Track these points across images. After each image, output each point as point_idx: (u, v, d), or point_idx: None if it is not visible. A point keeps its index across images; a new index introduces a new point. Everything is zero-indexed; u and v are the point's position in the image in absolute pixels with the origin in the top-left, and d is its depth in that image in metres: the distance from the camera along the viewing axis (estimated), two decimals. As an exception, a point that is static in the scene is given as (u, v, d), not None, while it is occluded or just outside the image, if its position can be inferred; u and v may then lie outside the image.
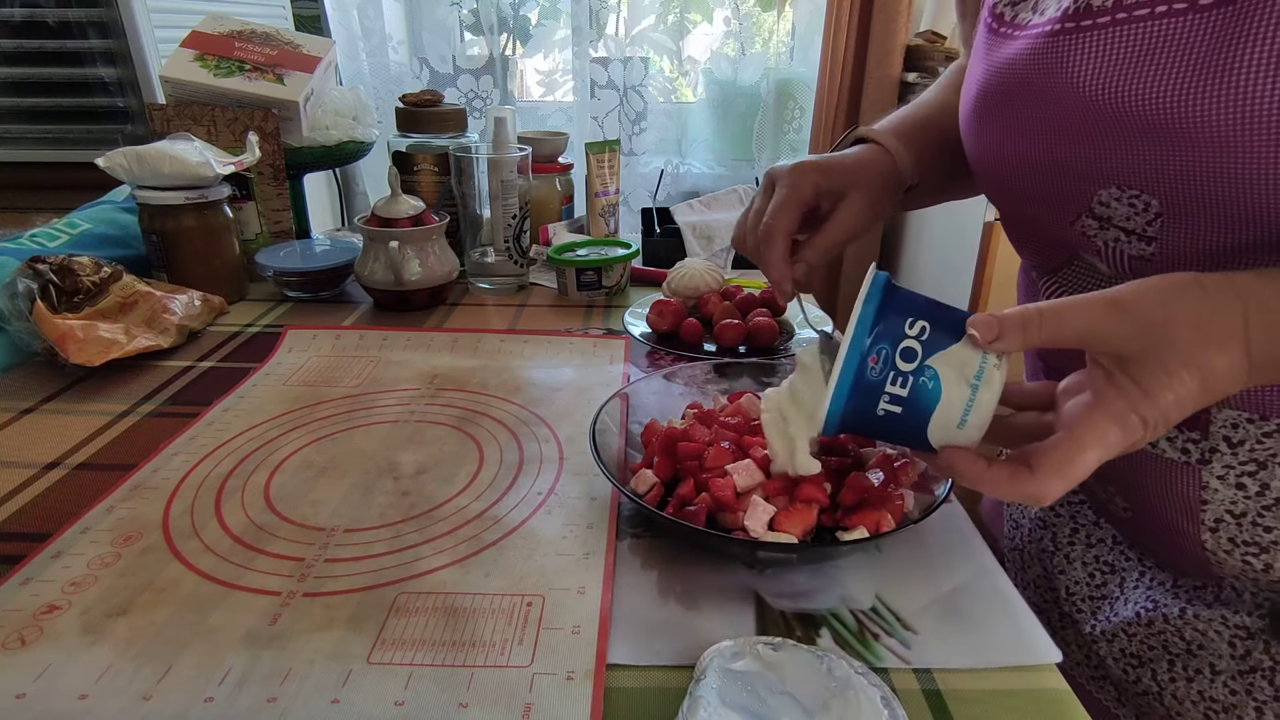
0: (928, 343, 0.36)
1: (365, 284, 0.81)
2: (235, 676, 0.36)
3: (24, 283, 0.66)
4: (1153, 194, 0.39)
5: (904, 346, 0.36)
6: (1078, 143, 0.40)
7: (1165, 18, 0.36)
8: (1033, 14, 0.42)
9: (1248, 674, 0.45)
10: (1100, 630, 0.53)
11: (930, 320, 0.36)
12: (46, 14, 1.26)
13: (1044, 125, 0.42)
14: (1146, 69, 0.36)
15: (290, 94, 0.90)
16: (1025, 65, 0.41)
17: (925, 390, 0.36)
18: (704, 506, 0.44)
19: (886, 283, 0.38)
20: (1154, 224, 0.40)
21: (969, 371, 0.36)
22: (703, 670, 0.35)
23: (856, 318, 0.36)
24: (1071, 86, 0.39)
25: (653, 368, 0.70)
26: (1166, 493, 0.45)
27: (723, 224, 1.00)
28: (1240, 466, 0.42)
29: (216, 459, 0.54)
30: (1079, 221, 0.43)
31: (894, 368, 0.36)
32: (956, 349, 0.36)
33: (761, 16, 1.85)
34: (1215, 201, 0.36)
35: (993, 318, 0.35)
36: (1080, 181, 0.41)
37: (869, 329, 0.36)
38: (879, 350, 0.36)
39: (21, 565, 0.43)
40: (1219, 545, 0.44)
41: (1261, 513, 0.42)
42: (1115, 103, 0.38)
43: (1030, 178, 0.44)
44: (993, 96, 0.44)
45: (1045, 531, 0.59)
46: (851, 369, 0.37)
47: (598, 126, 1.86)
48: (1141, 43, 0.37)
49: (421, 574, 0.43)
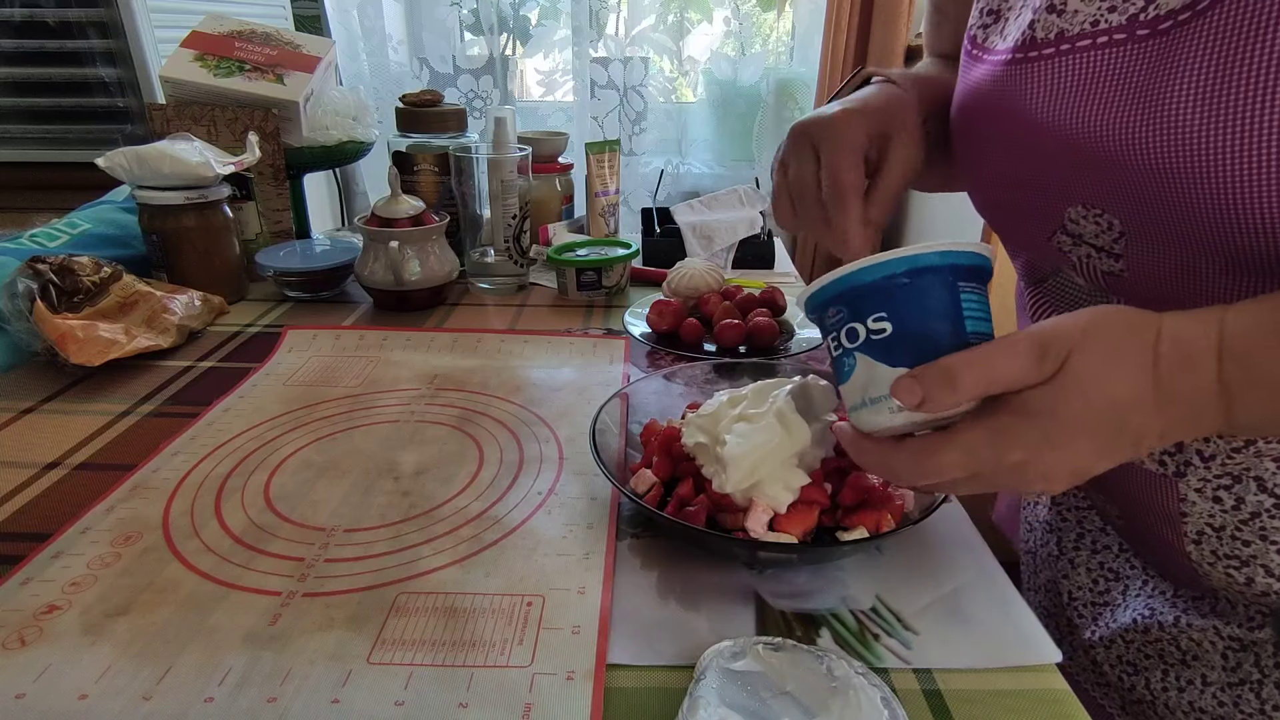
0: (873, 344, 0.35)
1: (365, 284, 0.81)
2: (235, 677, 0.36)
3: (24, 283, 0.66)
4: (1114, 214, 0.39)
5: (853, 327, 0.36)
6: (1043, 163, 0.41)
7: (1106, 48, 0.37)
8: (999, 39, 0.42)
9: (1237, 686, 0.45)
10: (1099, 636, 0.53)
11: (898, 337, 0.35)
12: (46, 14, 1.26)
13: (1013, 144, 0.42)
14: (1090, 98, 0.37)
15: (290, 94, 0.90)
16: (989, 89, 0.42)
17: (842, 366, 0.37)
18: (704, 506, 0.44)
19: (944, 278, 0.35)
20: (1119, 242, 0.40)
21: (872, 392, 0.35)
22: (703, 670, 0.35)
23: (874, 267, 0.35)
24: (1026, 113, 0.40)
25: (653, 368, 0.70)
26: (1150, 503, 0.45)
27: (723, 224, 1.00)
28: (1216, 480, 0.41)
29: (216, 459, 0.54)
30: (1055, 237, 0.43)
31: (837, 330, 0.37)
32: (883, 370, 0.35)
33: (761, 16, 1.85)
34: (1167, 223, 0.37)
35: (915, 383, 0.33)
36: (1052, 198, 0.42)
37: (860, 286, 0.35)
38: (842, 310, 0.36)
39: (21, 565, 0.43)
40: (1203, 558, 0.44)
41: (1239, 526, 0.42)
42: (1064, 131, 0.38)
43: (1008, 192, 0.44)
44: (969, 113, 0.45)
45: (1052, 535, 0.59)
46: (825, 295, 0.37)
47: (598, 126, 1.86)
48: (1086, 72, 0.37)
49: (421, 574, 0.43)
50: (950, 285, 0.35)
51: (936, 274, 0.35)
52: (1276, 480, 0.39)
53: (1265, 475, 0.40)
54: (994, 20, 0.43)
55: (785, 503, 0.43)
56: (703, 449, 0.46)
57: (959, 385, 0.32)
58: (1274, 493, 0.40)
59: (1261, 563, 0.42)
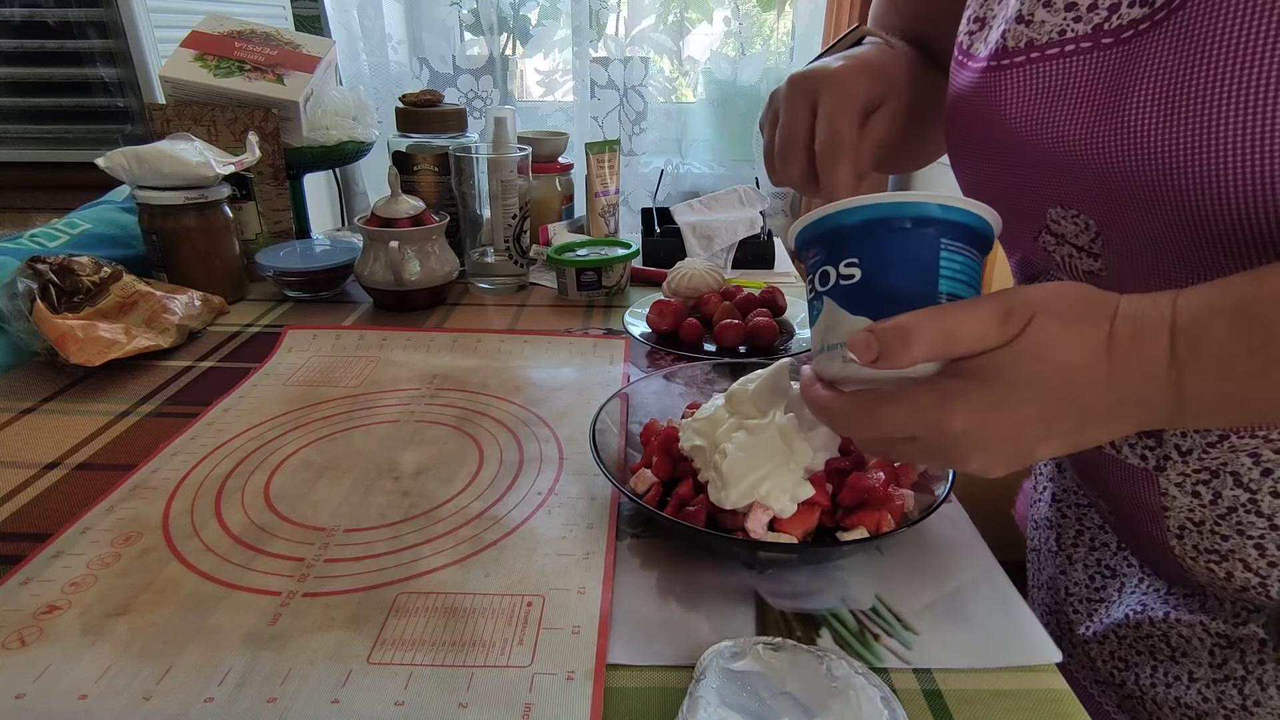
0: (840, 289, 0.34)
1: (365, 284, 0.81)
2: (235, 677, 0.36)
3: (24, 283, 0.66)
4: (1090, 215, 0.40)
5: (826, 270, 0.35)
6: (1022, 166, 0.42)
7: (1074, 56, 0.37)
8: (982, 46, 0.43)
9: (1221, 682, 0.45)
10: (1093, 633, 0.53)
11: (864, 285, 0.34)
12: (46, 14, 1.25)
13: (994, 148, 0.43)
14: (1059, 105, 0.38)
15: (290, 94, 0.90)
16: (970, 95, 0.43)
17: (812, 310, 0.37)
18: (703, 506, 0.44)
19: (926, 231, 0.33)
20: (1096, 242, 0.41)
21: (830, 338, 0.35)
22: (703, 670, 0.35)
23: (856, 209, 0.34)
24: (1002, 119, 0.41)
25: (653, 368, 0.70)
26: (1134, 498, 0.46)
27: (723, 224, 1.00)
28: (1194, 475, 0.42)
29: (216, 459, 0.54)
30: (1040, 237, 0.44)
31: (813, 272, 0.36)
32: (843, 316, 0.34)
33: (761, 16, 1.85)
34: (1135, 226, 0.37)
35: (871, 338, 0.32)
36: (1034, 200, 0.42)
37: (837, 228, 0.35)
38: (820, 251, 0.36)
39: (21, 565, 0.43)
40: (1185, 552, 0.44)
41: (1218, 521, 0.42)
42: (1036, 137, 0.39)
43: (996, 194, 0.44)
44: (957, 118, 0.45)
45: (1051, 532, 0.59)
46: (807, 234, 0.37)
47: (598, 126, 1.85)
48: (1055, 80, 0.38)
49: (421, 574, 0.43)
50: (930, 240, 0.33)
51: (919, 225, 0.33)
52: (1252, 476, 0.40)
53: (1241, 470, 0.40)
54: (979, 28, 0.43)
55: (789, 512, 0.42)
56: (700, 452, 0.46)
57: (914, 342, 0.31)
58: (1249, 488, 0.40)
59: (1240, 557, 0.42)
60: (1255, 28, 0.31)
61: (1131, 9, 0.35)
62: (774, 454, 0.43)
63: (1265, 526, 0.40)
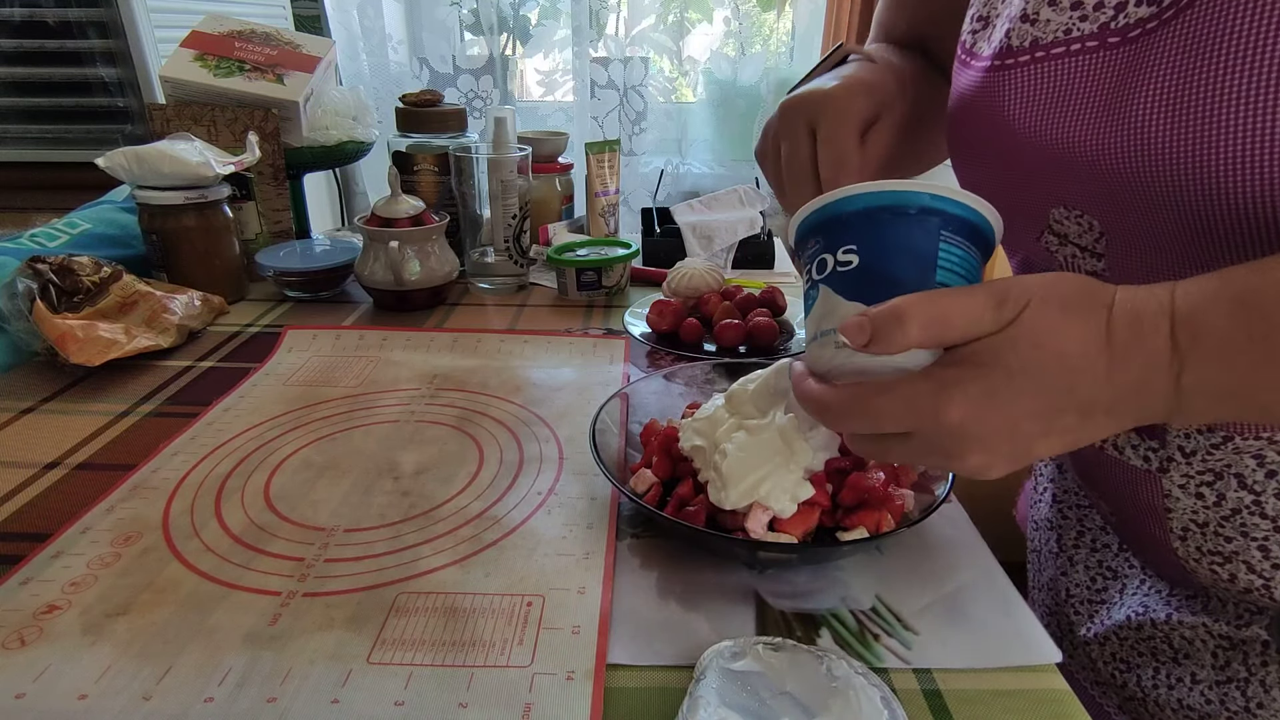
0: (836, 276, 0.34)
1: (365, 284, 0.81)
2: (235, 677, 0.36)
3: (24, 283, 0.66)
4: (1093, 215, 0.40)
5: (824, 258, 0.35)
6: (1025, 166, 0.41)
7: (1079, 55, 0.37)
8: (986, 45, 0.43)
9: (1224, 684, 0.45)
10: (1094, 634, 0.53)
11: (861, 272, 0.34)
12: (46, 14, 1.25)
13: (997, 148, 0.43)
14: (1063, 105, 0.38)
15: (290, 94, 0.90)
16: (973, 96, 0.43)
17: (808, 300, 0.37)
18: (703, 506, 0.44)
19: (925, 221, 0.33)
20: (1100, 242, 0.40)
21: (824, 325, 0.35)
22: (703, 670, 0.35)
23: (856, 197, 0.34)
24: (1006, 119, 0.40)
25: (653, 368, 0.70)
26: (1136, 499, 0.45)
27: (723, 224, 1.00)
28: (1198, 476, 0.41)
29: (216, 459, 0.54)
30: (1043, 237, 0.44)
31: (811, 262, 0.36)
32: (839, 302, 0.34)
33: (761, 16, 1.85)
34: (1140, 226, 0.37)
35: (865, 320, 0.32)
36: (1037, 200, 0.42)
37: (838, 215, 0.35)
38: (819, 240, 0.36)
39: (21, 565, 0.43)
40: (1188, 554, 0.44)
41: (1221, 523, 0.42)
42: (1040, 136, 0.39)
43: (998, 193, 0.44)
44: (960, 117, 0.45)
45: (1052, 533, 0.59)
46: (809, 223, 0.36)
47: (598, 126, 1.85)
48: (1060, 80, 0.38)
49: (421, 574, 0.43)
50: (931, 231, 0.33)
51: (920, 215, 0.34)
52: (1256, 478, 0.40)
53: (1245, 472, 0.40)
54: (983, 26, 0.43)
55: (789, 512, 0.42)
56: (700, 452, 0.46)
57: (907, 324, 0.30)
58: (1254, 490, 0.40)
59: (1244, 559, 0.42)
60: (1265, 27, 0.31)
61: (1139, 8, 0.35)
62: (774, 454, 0.43)
63: (1269, 528, 0.40)
